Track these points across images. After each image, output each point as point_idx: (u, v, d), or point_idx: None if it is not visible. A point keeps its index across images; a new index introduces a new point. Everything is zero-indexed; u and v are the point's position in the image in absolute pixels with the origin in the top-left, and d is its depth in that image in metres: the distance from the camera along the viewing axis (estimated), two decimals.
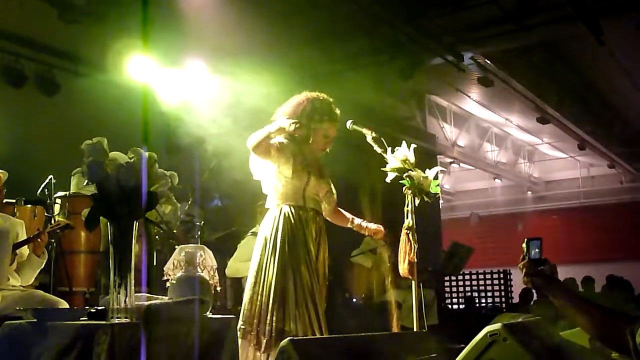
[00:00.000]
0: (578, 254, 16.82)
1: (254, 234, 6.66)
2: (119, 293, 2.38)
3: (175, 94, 6.47)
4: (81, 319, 2.56)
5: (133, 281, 2.41)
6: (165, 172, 2.51)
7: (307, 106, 4.01)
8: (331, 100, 4.11)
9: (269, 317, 3.63)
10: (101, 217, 2.51)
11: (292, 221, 3.84)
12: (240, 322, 3.68)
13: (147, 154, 2.47)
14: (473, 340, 3.39)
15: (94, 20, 6.91)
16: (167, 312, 2.46)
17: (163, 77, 6.48)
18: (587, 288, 11.66)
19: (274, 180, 3.93)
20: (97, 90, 6.97)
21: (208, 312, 2.77)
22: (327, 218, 4.20)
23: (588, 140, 13.97)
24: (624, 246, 16.22)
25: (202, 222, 6.84)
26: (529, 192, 18.91)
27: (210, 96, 7.01)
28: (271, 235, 3.81)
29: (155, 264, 5.93)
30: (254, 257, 3.88)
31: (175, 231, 6.41)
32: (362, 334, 3.76)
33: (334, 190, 4.13)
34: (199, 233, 6.69)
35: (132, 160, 2.43)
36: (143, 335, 2.31)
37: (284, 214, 3.84)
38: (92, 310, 2.52)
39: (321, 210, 4.06)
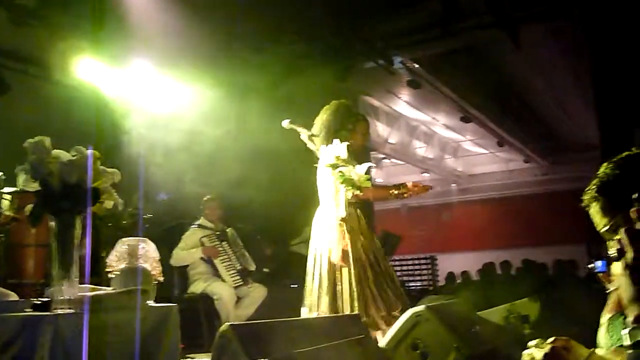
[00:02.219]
0: (498, 240, 17.21)
1: (200, 226, 6.59)
2: (62, 285, 2.31)
3: (123, 94, 6.33)
4: (26, 310, 2.47)
5: (76, 273, 2.34)
6: (108, 169, 2.44)
7: (340, 114, 4.32)
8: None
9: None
10: None
11: (350, 217, 4.10)
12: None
13: (90, 151, 2.40)
14: (399, 320, 3.44)
15: (44, 23, 6.69)
16: (109, 301, 2.40)
17: (111, 78, 6.34)
18: (504, 271, 11.98)
19: (331, 187, 4.14)
20: (47, 90, 6.76)
21: (150, 301, 2.72)
22: (367, 198, 4.44)
23: (506, 137, 14.28)
24: (537, 233, 16.65)
25: (150, 215, 6.72)
26: (454, 185, 19.24)
27: (157, 96, 6.90)
28: (336, 227, 4.06)
29: (104, 256, 5.80)
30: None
31: (125, 222, 6.29)
32: (299, 317, 3.77)
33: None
34: (146, 226, 6.57)
35: (74, 158, 2.36)
36: (86, 325, 2.25)
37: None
38: (37, 302, 2.45)
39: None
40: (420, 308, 3.37)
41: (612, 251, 1.21)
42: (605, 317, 2.13)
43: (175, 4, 6.53)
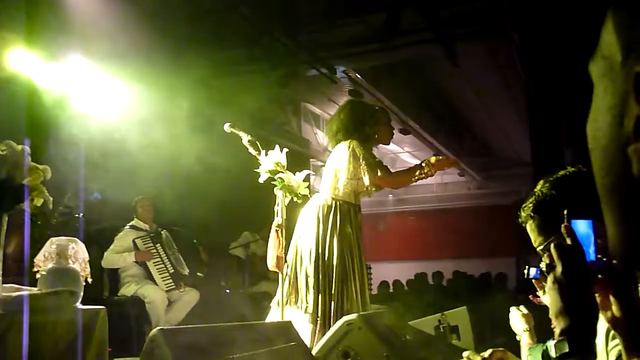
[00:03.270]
0: (430, 251, 17.49)
1: (133, 227, 6.45)
2: None
3: (57, 89, 6.14)
4: None
5: (0, 272, 2.25)
6: (38, 165, 2.35)
7: (357, 111, 4.29)
8: None
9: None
10: None
11: (347, 216, 4.07)
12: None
13: (20, 147, 2.31)
14: (332, 328, 3.45)
15: None
16: (34, 302, 2.31)
17: (46, 72, 6.13)
18: (436, 281, 12.20)
19: (340, 179, 4.08)
20: None
21: (78, 303, 2.64)
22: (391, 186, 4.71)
23: (442, 150, 14.55)
24: (470, 245, 17.01)
25: (82, 214, 6.54)
26: (390, 195, 19.47)
27: (94, 92, 6.72)
28: (330, 225, 4.02)
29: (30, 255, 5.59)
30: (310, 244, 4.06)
31: (55, 221, 6.09)
32: (229, 323, 3.73)
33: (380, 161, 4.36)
34: (77, 225, 6.38)
35: (4, 152, 2.27)
36: (26, 326, 2.16)
37: (341, 210, 4.07)
38: None
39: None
40: (352, 316, 3.39)
41: (543, 265, 1.25)
42: (524, 350, 2.21)
43: (115, 1, 6.40)
